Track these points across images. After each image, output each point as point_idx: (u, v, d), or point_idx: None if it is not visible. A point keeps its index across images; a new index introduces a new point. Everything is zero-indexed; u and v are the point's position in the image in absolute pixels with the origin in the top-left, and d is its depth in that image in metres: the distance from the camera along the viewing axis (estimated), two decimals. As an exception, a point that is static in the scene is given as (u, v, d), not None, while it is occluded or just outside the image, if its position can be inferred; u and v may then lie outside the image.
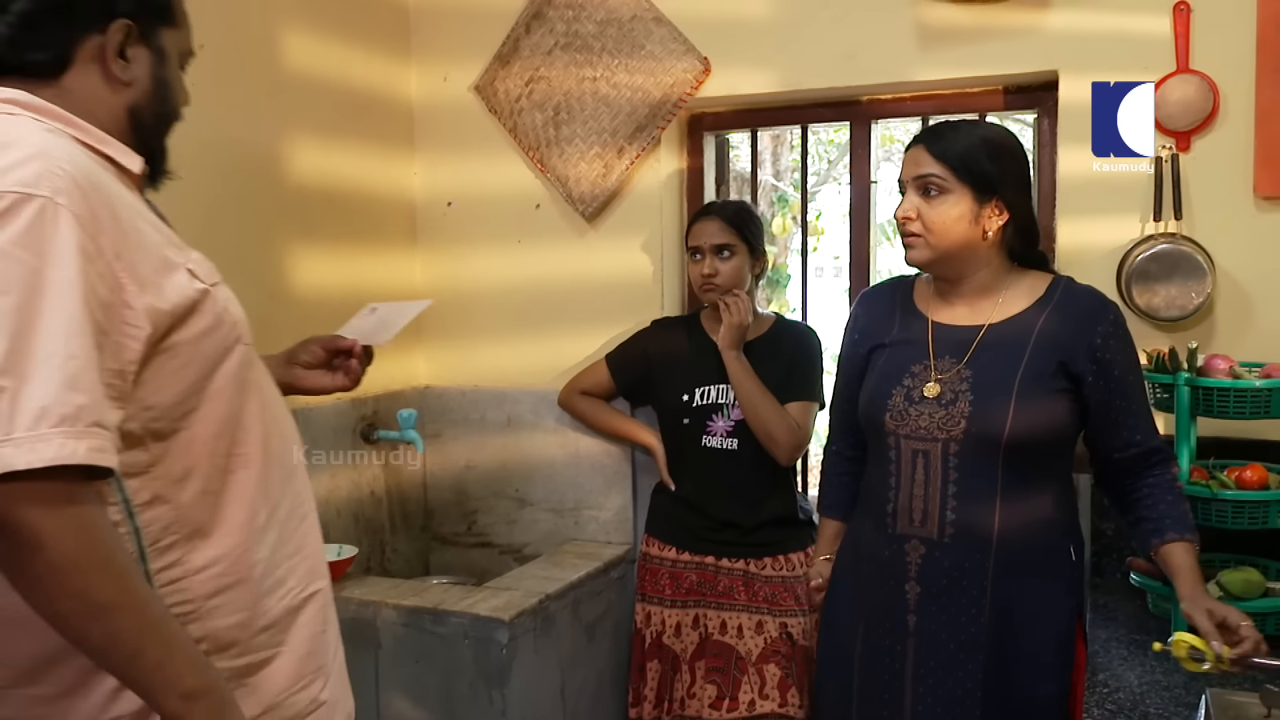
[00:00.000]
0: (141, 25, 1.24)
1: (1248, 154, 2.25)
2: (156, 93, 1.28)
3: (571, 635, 2.50)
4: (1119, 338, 1.76)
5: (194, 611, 1.18)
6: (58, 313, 1.01)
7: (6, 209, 1.01)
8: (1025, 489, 1.74)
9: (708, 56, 2.70)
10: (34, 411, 0.97)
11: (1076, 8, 2.37)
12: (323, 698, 1.33)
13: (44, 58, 1.19)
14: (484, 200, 2.98)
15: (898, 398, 1.81)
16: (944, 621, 1.76)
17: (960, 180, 1.74)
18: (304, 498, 1.37)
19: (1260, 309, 2.26)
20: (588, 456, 2.83)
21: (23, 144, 1.07)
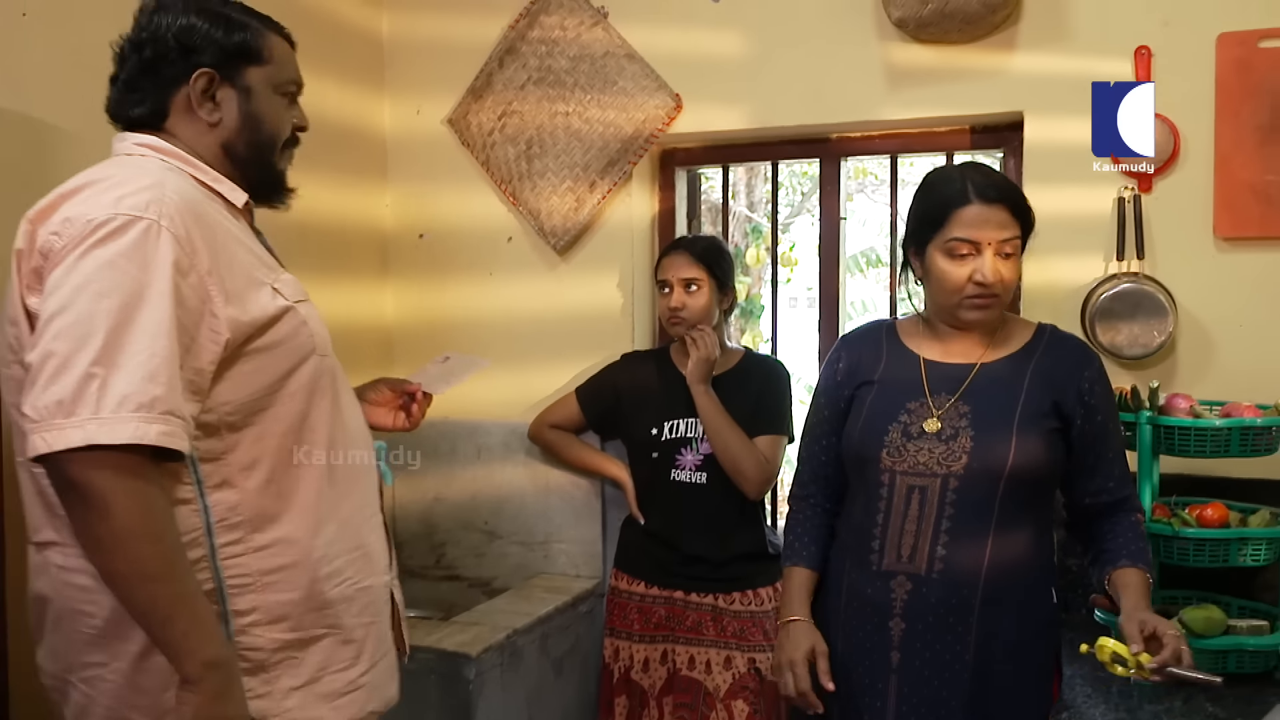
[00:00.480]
0: (224, 70, 1.46)
1: (1208, 196, 2.29)
2: (245, 127, 1.49)
3: (539, 670, 2.48)
4: (1103, 386, 1.78)
5: (252, 584, 1.37)
6: (149, 317, 1.23)
7: (119, 227, 1.25)
8: (1015, 527, 1.73)
9: (679, 93, 2.72)
10: (117, 397, 1.18)
11: (1041, 51, 2.42)
12: (361, 681, 1.47)
13: (144, 112, 1.46)
14: (456, 232, 2.99)
15: (895, 434, 1.78)
16: (928, 659, 1.74)
17: (1020, 236, 1.75)
18: (369, 500, 1.54)
19: (1221, 348, 2.30)
20: (557, 490, 2.83)
21: (141, 179, 1.32)
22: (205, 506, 1.34)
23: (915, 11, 2.40)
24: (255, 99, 1.49)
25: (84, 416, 1.17)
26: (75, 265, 1.24)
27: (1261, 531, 1.93)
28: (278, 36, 1.54)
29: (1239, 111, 2.25)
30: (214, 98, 1.47)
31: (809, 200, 8.53)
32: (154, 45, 1.45)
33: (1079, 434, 1.76)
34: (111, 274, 1.23)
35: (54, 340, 1.20)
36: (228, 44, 1.47)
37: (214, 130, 1.47)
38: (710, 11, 2.70)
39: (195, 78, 1.45)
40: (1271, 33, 2.23)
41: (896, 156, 2.80)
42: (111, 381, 1.19)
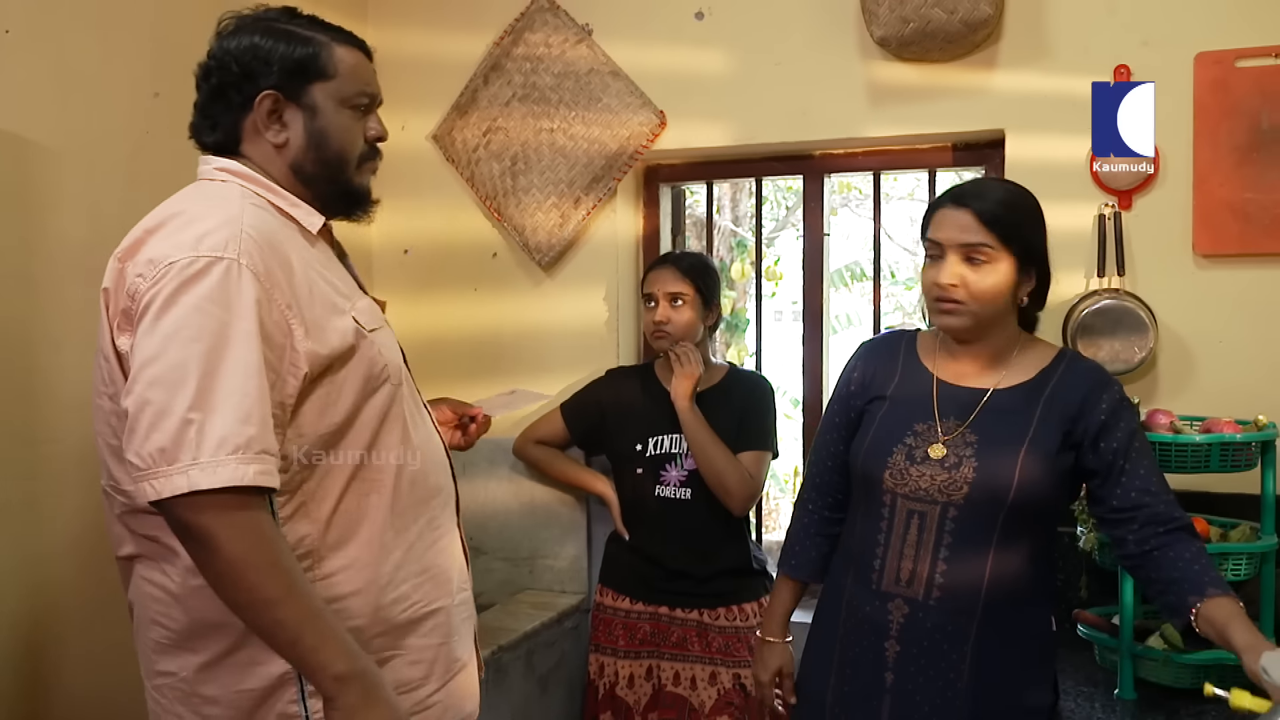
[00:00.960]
0: (288, 90, 1.45)
1: (1187, 213, 2.31)
2: (311, 145, 1.48)
3: (524, 687, 2.48)
4: (1125, 408, 1.72)
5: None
6: (238, 358, 1.26)
7: (200, 270, 1.28)
8: (1015, 558, 1.70)
9: (664, 110, 2.74)
10: (215, 441, 1.22)
11: (1022, 69, 2.44)
12: (430, 701, 1.50)
13: (218, 138, 1.48)
14: (441, 248, 2.99)
15: (899, 456, 1.75)
16: (920, 683, 1.72)
17: (1007, 249, 1.69)
18: (440, 523, 1.55)
19: (1201, 364, 2.32)
20: (543, 505, 2.83)
21: (219, 213, 1.34)
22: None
23: (897, 30, 2.42)
24: (321, 116, 1.48)
25: (185, 462, 1.21)
26: (163, 311, 1.27)
27: (1242, 546, 1.95)
28: (347, 47, 1.52)
29: (1217, 130, 2.28)
30: (281, 118, 1.47)
31: (793, 215, 8.55)
32: (220, 72, 1.47)
33: (1100, 452, 1.69)
34: (198, 318, 1.26)
35: (149, 388, 1.24)
36: (289, 63, 1.46)
37: (282, 151, 1.48)
38: (694, 29, 2.72)
39: (259, 100, 1.45)
40: (1249, 52, 2.26)
41: (879, 173, 2.82)
42: (208, 426, 1.23)
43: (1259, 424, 1.99)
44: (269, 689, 1.38)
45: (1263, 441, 1.97)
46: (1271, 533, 1.98)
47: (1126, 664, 1.94)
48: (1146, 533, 1.67)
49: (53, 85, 2.02)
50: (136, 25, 2.21)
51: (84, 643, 2.05)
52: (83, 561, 2.05)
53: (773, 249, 8.51)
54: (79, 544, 2.05)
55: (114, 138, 2.16)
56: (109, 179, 2.13)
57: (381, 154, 1.60)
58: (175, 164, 2.25)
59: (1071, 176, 2.39)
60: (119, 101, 2.17)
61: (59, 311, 2.02)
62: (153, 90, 2.24)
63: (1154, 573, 1.66)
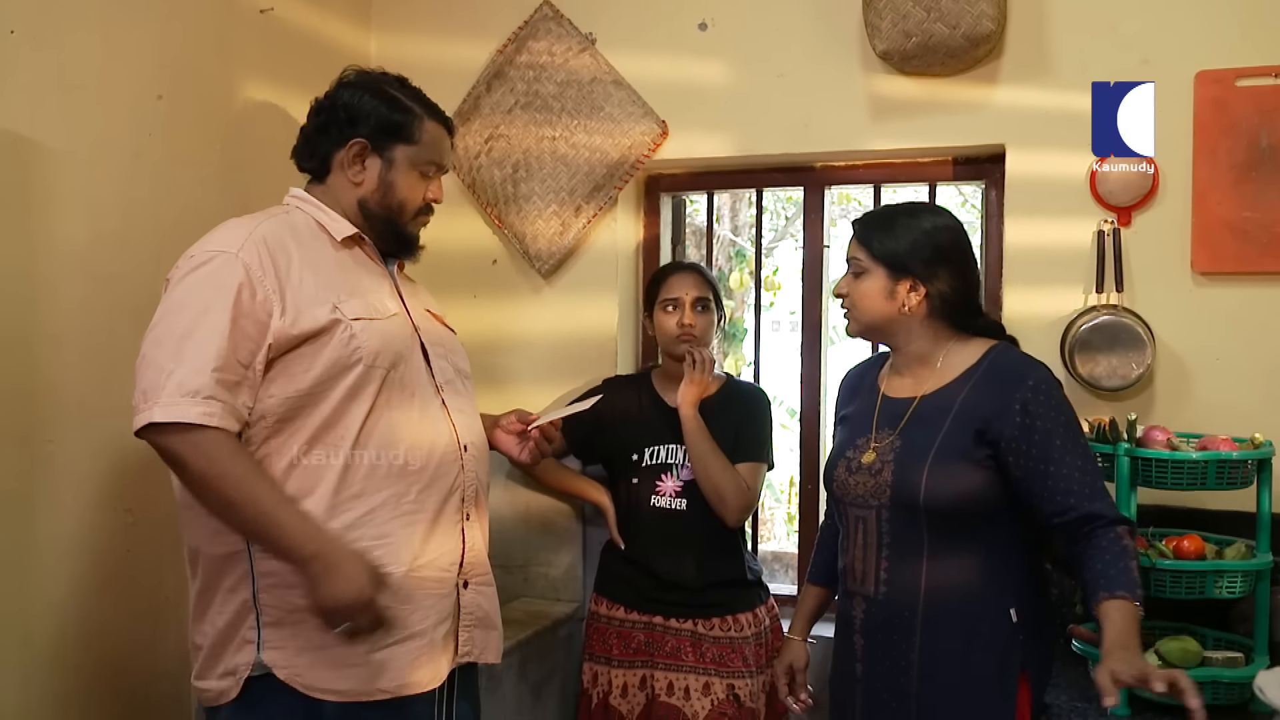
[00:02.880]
0: (374, 142, 1.80)
1: (1185, 231, 2.32)
2: (380, 190, 1.82)
3: (517, 695, 2.47)
4: (1040, 404, 1.76)
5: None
6: (211, 326, 1.58)
7: (205, 260, 1.64)
8: (953, 551, 1.81)
9: (665, 120, 2.75)
10: (175, 386, 1.54)
11: (1023, 85, 2.45)
12: (375, 658, 1.65)
13: (313, 165, 1.85)
14: (440, 255, 2.94)
15: (841, 468, 1.95)
16: (879, 672, 1.87)
17: (875, 260, 1.88)
18: (415, 500, 1.71)
19: (1198, 381, 2.33)
20: (538, 514, 2.82)
21: (250, 223, 1.71)
22: None
23: (899, 44, 2.43)
24: (394, 170, 1.82)
25: (154, 402, 1.54)
26: (171, 290, 1.66)
27: (1237, 564, 1.95)
28: (435, 123, 1.86)
29: (1216, 148, 2.29)
30: (363, 162, 1.81)
31: (792, 225, 8.56)
32: (329, 112, 1.82)
33: (1018, 455, 1.76)
34: (189, 294, 1.62)
35: (147, 345, 1.60)
36: (386, 123, 1.80)
37: (356, 188, 1.81)
38: (697, 40, 2.73)
39: (351, 144, 1.79)
40: (1249, 71, 2.27)
41: (880, 186, 2.83)
42: (174, 375, 1.54)
43: (1255, 442, 1.99)
44: (236, 615, 1.64)
45: (1259, 459, 1.98)
46: (1267, 550, 1.99)
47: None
48: (1076, 534, 1.75)
49: (56, 86, 2.02)
50: (141, 28, 2.21)
51: (81, 639, 2.04)
52: (81, 558, 2.05)
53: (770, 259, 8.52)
54: (77, 542, 2.04)
55: (117, 139, 2.16)
56: (111, 180, 2.14)
57: (433, 211, 1.93)
58: (178, 166, 2.28)
59: (1071, 192, 2.40)
60: (122, 103, 2.17)
61: (60, 311, 2.02)
62: (156, 93, 2.25)
63: (1079, 575, 1.77)
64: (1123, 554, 1.71)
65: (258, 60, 2.55)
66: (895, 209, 1.97)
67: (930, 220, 1.90)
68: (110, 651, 2.11)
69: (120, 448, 2.07)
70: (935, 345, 1.89)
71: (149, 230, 2.18)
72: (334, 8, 2.86)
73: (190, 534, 1.69)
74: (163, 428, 1.53)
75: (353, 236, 1.81)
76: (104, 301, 2.08)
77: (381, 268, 1.88)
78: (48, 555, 1.99)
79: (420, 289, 2.03)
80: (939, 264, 1.86)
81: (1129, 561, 1.70)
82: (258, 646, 1.63)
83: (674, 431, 2.43)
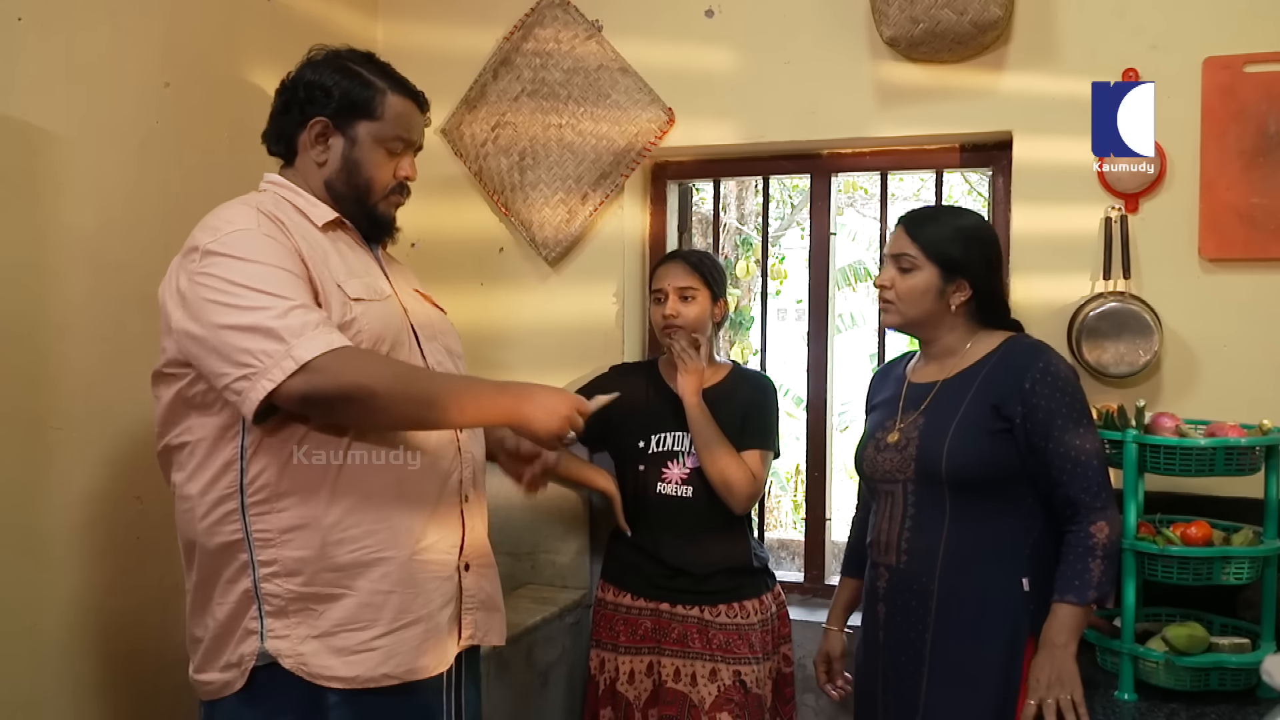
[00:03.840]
0: (336, 120, 1.74)
1: (1193, 217, 2.31)
2: (345, 169, 1.75)
3: (525, 681, 2.48)
4: (1046, 384, 1.89)
5: (273, 539, 1.60)
6: (281, 279, 1.56)
7: (231, 231, 1.59)
8: (972, 522, 1.93)
9: (672, 107, 2.74)
10: (296, 326, 1.51)
11: (1030, 72, 2.44)
12: (376, 644, 1.63)
13: (281, 148, 1.79)
14: (448, 242, 2.99)
15: (870, 448, 2.08)
16: (898, 639, 1.99)
17: (930, 260, 1.98)
18: (402, 484, 1.67)
19: (1205, 368, 2.32)
20: (545, 501, 2.83)
21: (249, 206, 1.65)
22: (243, 468, 1.59)
23: (907, 31, 2.42)
24: (358, 148, 1.75)
25: (283, 351, 1.50)
26: (205, 274, 1.57)
27: (1244, 550, 1.95)
28: (401, 97, 1.79)
29: (1224, 134, 2.28)
30: (325, 141, 1.75)
31: (799, 213, 8.56)
32: (291, 93, 1.76)
33: (1023, 431, 1.89)
34: (237, 267, 1.57)
35: (222, 318, 1.53)
36: (346, 99, 1.73)
37: (320, 169, 1.76)
38: (704, 27, 2.72)
39: (312, 124, 1.74)
40: (1257, 57, 2.26)
41: (886, 173, 2.82)
42: (283, 318, 1.52)
43: (1264, 428, 1.99)
44: (237, 606, 1.62)
45: (1267, 445, 1.98)
46: (1274, 536, 1.98)
47: (1127, 666, 1.95)
48: (1064, 517, 1.90)
49: (64, 74, 2.02)
50: (148, 15, 2.21)
51: (90, 627, 2.06)
52: (88, 546, 2.06)
53: (777, 247, 8.52)
54: (86, 529, 2.05)
55: (124, 127, 2.16)
56: (119, 168, 2.14)
57: (409, 192, 1.85)
58: (185, 154, 2.29)
59: (1078, 179, 2.40)
60: (129, 91, 2.17)
61: (66, 299, 2.02)
62: (163, 80, 2.25)
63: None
64: (1087, 553, 1.86)
65: (265, 48, 2.54)
66: (943, 210, 2.12)
67: (978, 224, 2.05)
68: (120, 639, 2.12)
69: (130, 435, 2.08)
70: (963, 338, 2.03)
71: (156, 218, 2.18)
72: (340, -4, 2.86)
73: (186, 527, 1.65)
74: (313, 369, 1.48)
75: (333, 221, 1.75)
76: (111, 290, 2.09)
77: (367, 250, 1.82)
78: (56, 543, 2.01)
79: (406, 269, 1.96)
80: (988, 269, 2.01)
81: (1091, 560, 1.86)
82: (261, 636, 1.60)
83: (680, 419, 2.44)
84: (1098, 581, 1.84)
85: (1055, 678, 1.81)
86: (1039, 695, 1.81)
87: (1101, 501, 1.87)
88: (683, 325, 2.46)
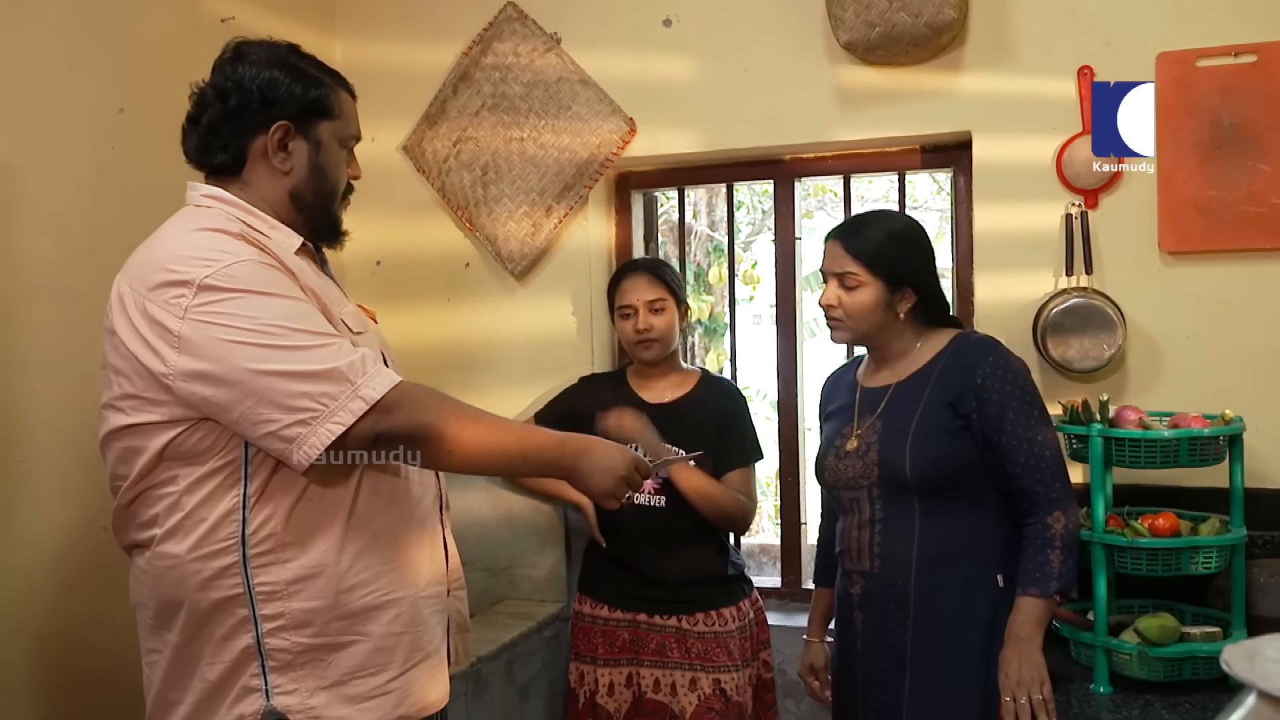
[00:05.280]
0: (298, 123, 1.57)
1: (1152, 211, 2.34)
2: (313, 176, 1.60)
3: (505, 697, 2.47)
4: (997, 378, 1.91)
5: (279, 592, 1.46)
6: (303, 309, 1.45)
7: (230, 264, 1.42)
8: (941, 521, 1.94)
9: (633, 117, 2.75)
10: (354, 366, 1.43)
11: (987, 71, 2.46)
12: (390, 687, 1.54)
13: (225, 159, 1.57)
14: (413, 259, 2.99)
15: (831, 456, 2.07)
16: (877, 644, 1.99)
17: (874, 275, 1.97)
18: (414, 517, 1.61)
19: (1168, 360, 2.34)
20: (520, 515, 2.82)
21: (223, 234, 1.46)
22: (244, 519, 1.45)
23: (863, 35, 2.44)
24: (323, 151, 1.60)
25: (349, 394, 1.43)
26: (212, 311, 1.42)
27: (1212, 540, 1.96)
28: (345, 92, 1.66)
29: (1180, 129, 2.30)
30: (287, 147, 1.57)
31: (769, 218, 8.56)
32: (238, 94, 1.55)
33: (979, 426, 1.91)
34: (254, 302, 1.43)
35: (257, 363, 1.41)
36: (305, 99, 1.57)
37: (285, 178, 1.58)
38: (662, 36, 2.73)
39: (274, 129, 1.55)
40: (1209, 52, 2.29)
41: (849, 177, 2.83)
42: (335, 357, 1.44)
43: (1226, 418, 2.01)
44: (235, 664, 1.47)
45: (1230, 435, 2.00)
46: (1240, 525, 2.00)
47: (1101, 659, 1.96)
48: (1022, 510, 1.92)
49: (17, 101, 2.00)
50: (101, 40, 2.20)
51: (61, 659, 2.03)
52: (56, 578, 2.04)
53: (749, 253, 8.53)
54: (53, 561, 2.03)
55: (80, 154, 2.14)
56: (75, 195, 2.12)
57: (354, 190, 1.72)
58: (142, 179, 2.27)
59: (1038, 177, 2.42)
60: (84, 117, 2.16)
61: (26, 329, 2.00)
62: (118, 106, 2.23)
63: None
64: (1045, 545, 1.88)
65: (221, 70, 2.53)
66: (871, 218, 2.07)
67: (909, 226, 2.06)
68: (91, 671, 2.09)
69: (94, 465, 2.03)
70: (914, 340, 2.04)
71: (116, 246, 2.12)
72: (297, 14, 2.84)
73: (167, 588, 1.47)
74: (384, 408, 1.41)
75: (302, 247, 1.60)
76: (72, 318, 2.07)
77: (325, 273, 1.68)
78: (22, 575, 1.98)
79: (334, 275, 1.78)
80: (928, 271, 2.03)
81: (1050, 552, 1.87)
82: (266, 694, 1.47)
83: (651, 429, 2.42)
84: (1059, 573, 1.85)
85: (1023, 672, 1.82)
86: (1009, 690, 1.82)
87: (1057, 492, 1.89)
88: (658, 337, 2.45)
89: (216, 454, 1.45)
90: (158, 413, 1.43)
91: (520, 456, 1.58)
